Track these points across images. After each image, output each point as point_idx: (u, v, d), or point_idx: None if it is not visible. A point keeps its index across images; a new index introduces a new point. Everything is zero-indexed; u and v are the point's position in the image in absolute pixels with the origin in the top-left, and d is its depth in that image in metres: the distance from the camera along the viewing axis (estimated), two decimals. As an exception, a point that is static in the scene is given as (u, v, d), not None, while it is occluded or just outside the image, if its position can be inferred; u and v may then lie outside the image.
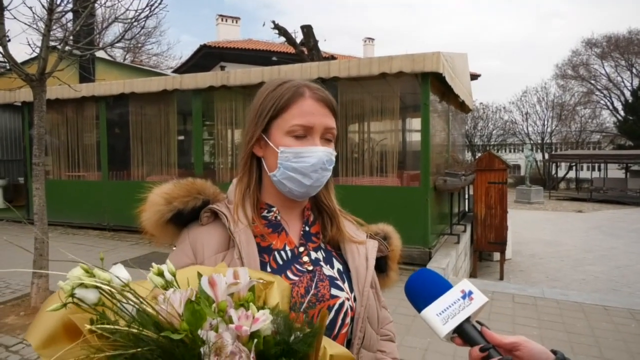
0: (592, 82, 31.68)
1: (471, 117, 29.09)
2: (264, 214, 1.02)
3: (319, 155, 0.96)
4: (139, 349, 0.59)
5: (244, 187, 1.01)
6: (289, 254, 0.99)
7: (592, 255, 10.37)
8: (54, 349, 0.62)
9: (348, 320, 0.97)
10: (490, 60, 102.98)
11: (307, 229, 1.04)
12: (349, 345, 0.97)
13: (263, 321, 0.63)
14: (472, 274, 8.34)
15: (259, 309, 0.65)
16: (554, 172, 28.82)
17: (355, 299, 0.99)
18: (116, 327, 0.60)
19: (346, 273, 1.02)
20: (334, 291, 0.96)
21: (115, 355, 0.59)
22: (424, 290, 0.83)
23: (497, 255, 8.74)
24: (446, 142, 8.12)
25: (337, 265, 1.02)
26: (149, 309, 0.62)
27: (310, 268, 0.98)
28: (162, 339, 0.60)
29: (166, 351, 0.60)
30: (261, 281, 0.72)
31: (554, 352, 0.74)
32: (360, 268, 1.02)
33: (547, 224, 14.93)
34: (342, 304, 0.96)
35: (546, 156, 29.78)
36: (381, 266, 1.14)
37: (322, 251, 1.03)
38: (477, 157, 10.71)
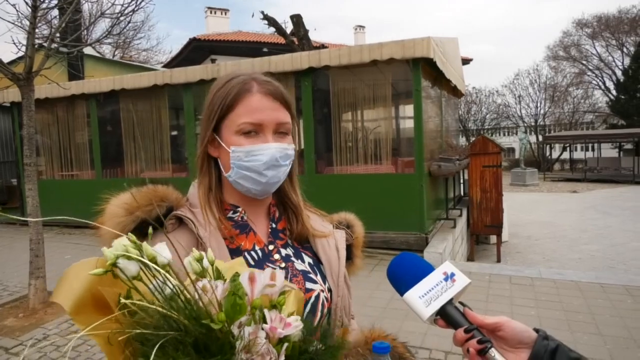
0: (584, 62, 31.72)
1: (464, 102, 29.06)
2: (230, 215, 0.99)
3: (271, 152, 0.93)
4: (171, 333, 0.57)
5: (206, 190, 0.98)
6: (260, 253, 0.97)
7: (587, 235, 10.45)
8: (85, 317, 0.60)
9: (325, 311, 0.98)
10: (482, 44, 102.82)
11: (274, 225, 1.03)
12: None
13: (295, 327, 0.62)
14: (470, 258, 8.40)
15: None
16: (548, 153, 28.96)
17: (330, 290, 1.00)
18: (152, 305, 0.58)
19: (317, 265, 1.02)
20: (308, 285, 0.97)
21: (148, 335, 0.57)
22: (406, 273, 0.81)
23: (493, 238, 8.80)
24: (440, 128, 8.12)
25: (307, 259, 1.02)
26: (190, 294, 0.60)
27: (283, 265, 0.97)
28: (194, 326, 0.58)
29: (197, 339, 0.59)
30: (287, 285, 0.71)
31: (537, 330, 0.74)
32: (333, 259, 1.03)
33: (542, 206, 15.02)
34: (317, 297, 0.97)
35: (540, 138, 29.85)
36: (346, 254, 1.13)
37: (290, 247, 1.02)
38: (471, 141, 10.72)
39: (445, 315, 0.77)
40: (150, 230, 0.71)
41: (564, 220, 12.33)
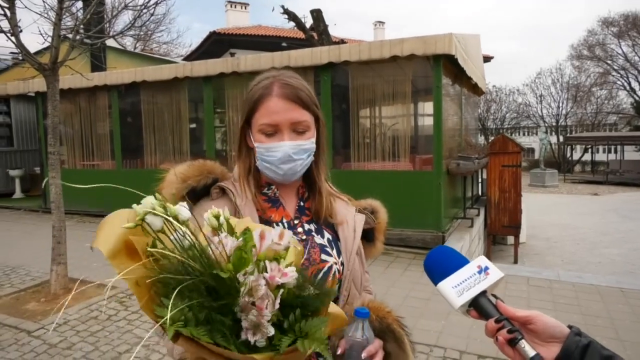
0: (609, 62, 30.95)
1: (484, 100, 28.70)
2: (264, 190, 1.17)
3: (284, 149, 1.08)
4: (187, 277, 0.69)
5: (246, 169, 1.16)
6: (286, 225, 1.14)
7: (608, 238, 10.25)
8: (119, 261, 0.71)
9: (335, 280, 1.12)
10: (504, 42, 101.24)
11: (301, 204, 1.20)
12: (336, 301, 1.10)
13: (291, 276, 0.73)
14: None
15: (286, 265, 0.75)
16: (569, 154, 28.40)
17: (342, 264, 1.14)
18: (172, 253, 0.71)
19: (335, 242, 1.17)
20: (323, 256, 1.12)
21: (169, 279, 0.70)
22: (442, 264, 0.86)
23: (511, 239, 8.69)
24: (459, 126, 8.03)
25: (327, 235, 1.17)
26: (204, 245, 0.73)
27: (304, 237, 1.13)
28: (207, 274, 0.71)
29: (209, 284, 0.71)
30: (291, 240, 0.82)
31: (570, 327, 0.76)
32: (349, 238, 1.18)
33: (562, 207, 14.78)
34: (330, 267, 1.12)
35: (561, 139, 29.33)
36: (369, 237, 1.28)
37: (313, 224, 1.18)
38: (490, 140, 10.58)
39: (478, 306, 0.81)
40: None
41: (584, 222, 12.11)
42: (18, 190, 11.20)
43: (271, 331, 0.70)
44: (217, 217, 0.77)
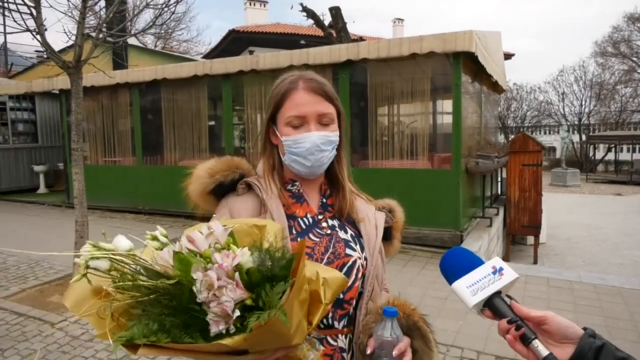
0: (634, 59, 30.16)
1: (504, 98, 28.24)
2: (289, 187, 1.19)
3: (313, 139, 1.10)
4: (150, 296, 0.75)
5: (270, 166, 1.19)
6: (310, 220, 1.16)
7: (631, 239, 10.02)
8: (81, 309, 0.79)
9: (360, 275, 1.14)
10: (525, 39, 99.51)
11: (324, 200, 1.22)
12: (360, 296, 1.14)
13: (241, 256, 0.75)
14: (505, 258, 8.21)
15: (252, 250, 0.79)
16: (591, 154, 27.81)
17: (366, 259, 1.16)
18: (125, 282, 0.76)
19: (357, 238, 1.18)
20: (348, 251, 1.14)
21: (134, 302, 0.75)
22: (457, 264, 0.89)
23: (530, 239, 8.57)
24: (478, 124, 7.94)
25: (350, 231, 1.19)
26: (146, 264, 0.78)
27: (329, 232, 1.15)
28: (164, 285, 0.75)
29: (169, 293, 0.75)
30: (246, 220, 0.91)
31: (585, 328, 0.76)
32: (371, 235, 1.19)
33: (583, 207, 14.49)
34: (354, 262, 1.13)
35: (583, 138, 28.72)
36: (387, 235, 1.29)
37: (336, 219, 1.20)
38: (510, 139, 10.43)
39: (492, 306, 0.83)
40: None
41: (607, 223, 11.86)
42: (42, 186, 11.46)
43: (236, 313, 0.72)
44: (155, 239, 0.84)
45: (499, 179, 9.85)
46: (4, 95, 10.73)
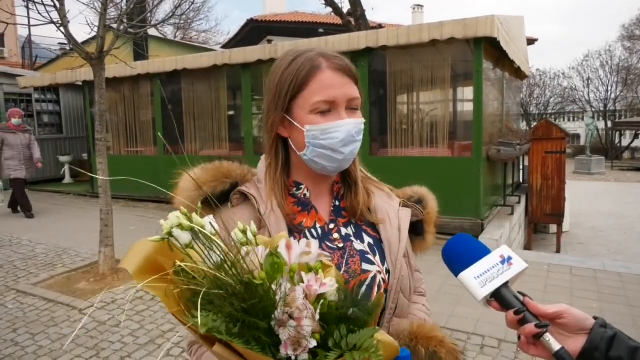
0: (664, 42, 29.16)
1: (527, 85, 27.65)
2: (293, 191, 1.01)
3: (347, 128, 0.93)
4: (221, 291, 0.66)
5: (272, 172, 1.00)
6: (319, 231, 0.99)
7: (658, 228, 9.78)
8: (144, 279, 0.69)
9: (381, 292, 0.98)
10: (549, 24, 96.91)
11: (337, 203, 1.04)
12: (382, 314, 0.97)
13: (330, 286, 0.69)
14: (527, 247, 8.11)
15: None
16: (617, 141, 27.10)
17: (387, 272, 1.00)
18: (202, 267, 0.68)
19: (377, 245, 1.02)
20: (365, 266, 0.97)
21: (198, 290, 0.66)
22: (462, 254, 0.82)
23: (553, 228, 8.44)
24: (500, 111, 7.81)
25: (368, 239, 1.02)
26: (234, 255, 0.69)
27: (341, 245, 0.98)
28: (240, 286, 0.66)
29: (242, 297, 0.66)
30: (323, 258, 0.76)
31: (595, 318, 0.75)
32: (393, 240, 1.02)
33: (608, 196, 14.17)
34: (374, 278, 0.97)
35: (609, 124, 27.97)
36: (417, 229, 1.13)
37: (352, 226, 1.02)
38: (532, 126, 10.23)
39: (500, 298, 0.78)
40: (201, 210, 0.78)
41: (633, 212, 11.58)
42: (67, 176, 11.73)
43: (313, 343, 0.65)
44: (244, 232, 0.74)
45: (521, 167, 9.70)
46: (30, 87, 10.98)
